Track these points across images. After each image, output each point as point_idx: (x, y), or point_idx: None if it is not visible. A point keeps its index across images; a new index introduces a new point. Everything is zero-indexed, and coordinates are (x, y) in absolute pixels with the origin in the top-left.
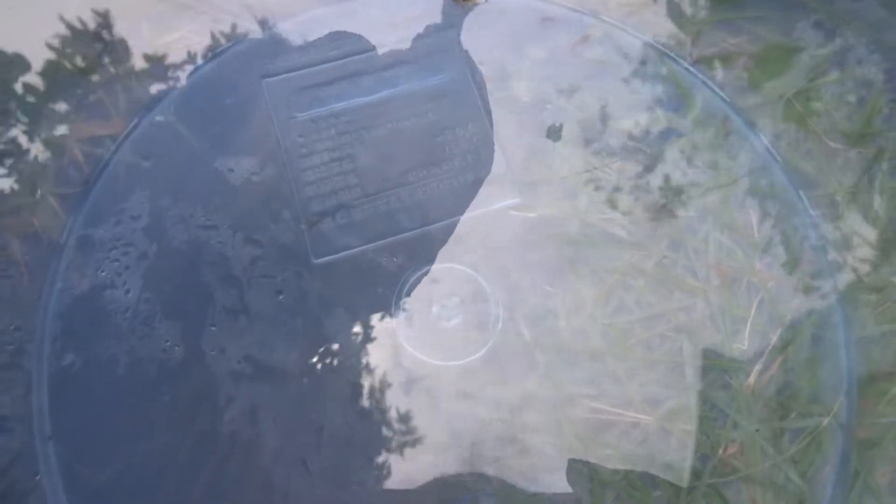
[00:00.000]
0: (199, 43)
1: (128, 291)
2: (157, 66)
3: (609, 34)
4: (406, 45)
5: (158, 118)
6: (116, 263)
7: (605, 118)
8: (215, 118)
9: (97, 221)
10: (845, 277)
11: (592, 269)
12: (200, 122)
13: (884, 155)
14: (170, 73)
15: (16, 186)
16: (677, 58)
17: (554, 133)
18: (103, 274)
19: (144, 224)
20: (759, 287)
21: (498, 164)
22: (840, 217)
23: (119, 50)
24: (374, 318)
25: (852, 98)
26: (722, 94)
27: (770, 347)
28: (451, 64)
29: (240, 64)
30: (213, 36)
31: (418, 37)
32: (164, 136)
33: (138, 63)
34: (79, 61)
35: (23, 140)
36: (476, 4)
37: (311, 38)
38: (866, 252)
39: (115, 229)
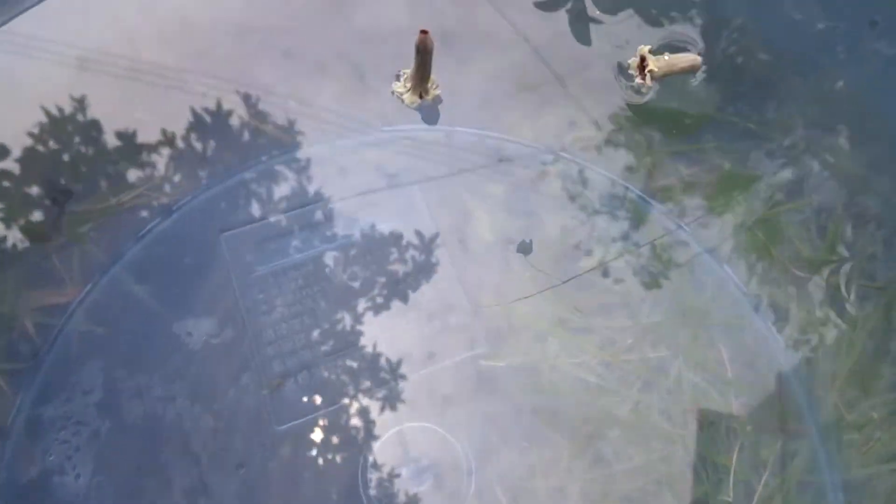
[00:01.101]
0: (157, 199)
1: (78, 476)
2: (114, 226)
3: (567, 170)
4: (367, 190)
5: (114, 282)
6: (66, 445)
7: (568, 255)
8: (173, 278)
9: (47, 399)
10: (825, 416)
11: (566, 418)
12: (158, 283)
13: (851, 283)
14: (126, 233)
15: None
16: (636, 190)
17: (518, 274)
18: (52, 458)
19: (97, 399)
20: (738, 431)
21: (464, 311)
22: (814, 350)
23: (75, 212)
24: (343, 487)
25: (813, 225)
26: (683, 225)
27: (756, 497)
28: (412, 208)
29: (198, 218)
30: (170, 192)
31: (379, 182)
32: (120, 300)
33: (94, 225)
34: (31, 227)
35: None
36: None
37: (270, 188)
38: (843, 387)
39: (66, 406)
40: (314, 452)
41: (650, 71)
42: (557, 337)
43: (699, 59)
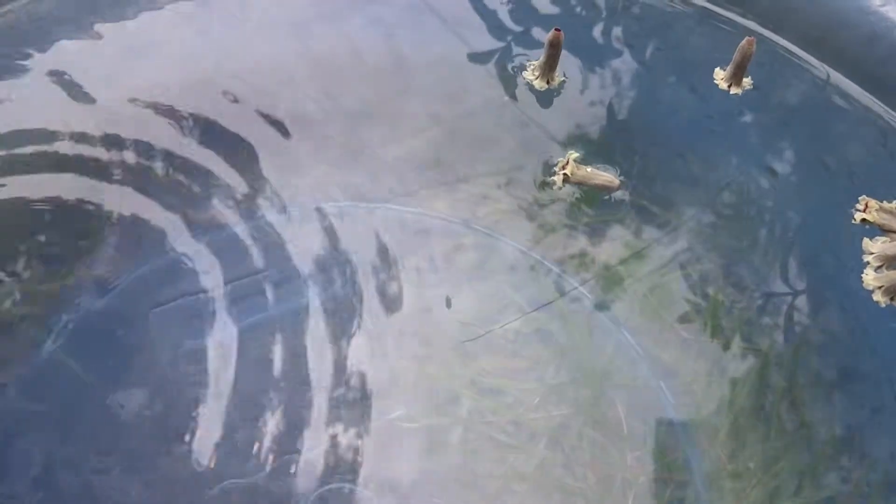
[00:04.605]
0: (91, 278)
1: None
2: (50, 304)
3: (480, 241)
4: (289, 264)
5: (49, 359)
6: None
7: (479, 322)
8: (107, 353)
9: None
10: (709, 466)
11: (477, 476)
12: (92, 359)
13: (731, 345)
14: (61, 312)
15: None
16: (544, 260)
17: (435, 339)
18: None
19: (33, 474)
20: (631, 482)
21: (381, 377)
22: (699, 407)
23: (11, 292)
24: None
25: (700, 291)
26: (586, 293)
27: None
28: (330, 280)
29: (131, 295)
30: (104, 271)
31: (301, 255)
32: (55, 377)
33: (30, 304)
34: None
35: None
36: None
37: (198, 266)
38: (725, 440)
39: (1, 485)
40: None
41: (564, 174)
42: (469, 398)
43: (617, 182)
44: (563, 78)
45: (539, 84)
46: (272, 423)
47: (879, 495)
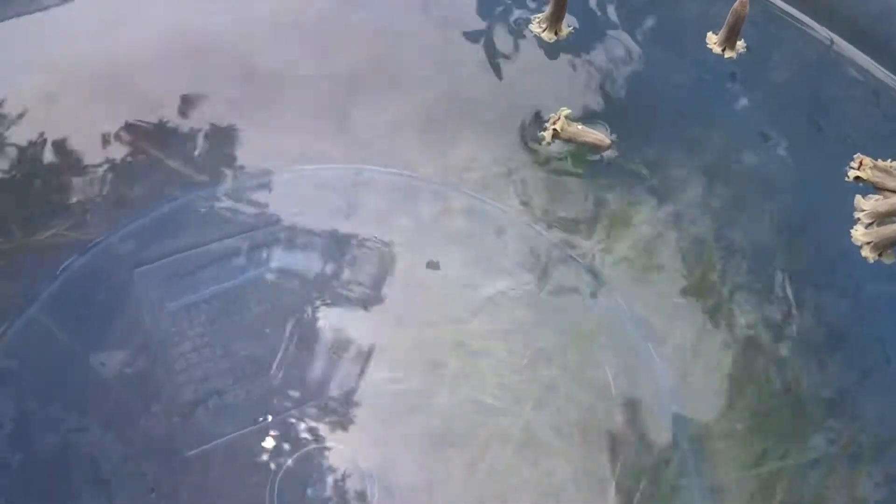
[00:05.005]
0: (72, 238)
1: None
2: (29, 265)
3: (470, 205)
4: (275, 225)
5: (30, 319)
6: None
7: (466, 285)
8: (88, 313)
9: None
10: (697, 427)
11: (463, 437)
12: (73, 318)
13: (720, 308)
14: (41, 272)
15: None
16: (532, 224)
17: (422, 301)
18: None
19: (8, 431)
20: (618, 444)
21: (367, 338)
22: (688, 369)
23: None
24: None
25: (690, 255)
26: (574, 256)
27: (635, 503)
28: (316, 241)
29: (112, 256)
30: (85, 230)
31: (287, 216)
32: (35, 336)
33: (7, 265)
34: None
35: None
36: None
37: (182, 225)
38: (712, 401)
39: None
40: (222, 477)
41: (554, 129)
42: (455, 360)
43: (608, 140)
44: (570, 28)
45: (547, 36)
46: (255, 384)
47: (868, 457)
